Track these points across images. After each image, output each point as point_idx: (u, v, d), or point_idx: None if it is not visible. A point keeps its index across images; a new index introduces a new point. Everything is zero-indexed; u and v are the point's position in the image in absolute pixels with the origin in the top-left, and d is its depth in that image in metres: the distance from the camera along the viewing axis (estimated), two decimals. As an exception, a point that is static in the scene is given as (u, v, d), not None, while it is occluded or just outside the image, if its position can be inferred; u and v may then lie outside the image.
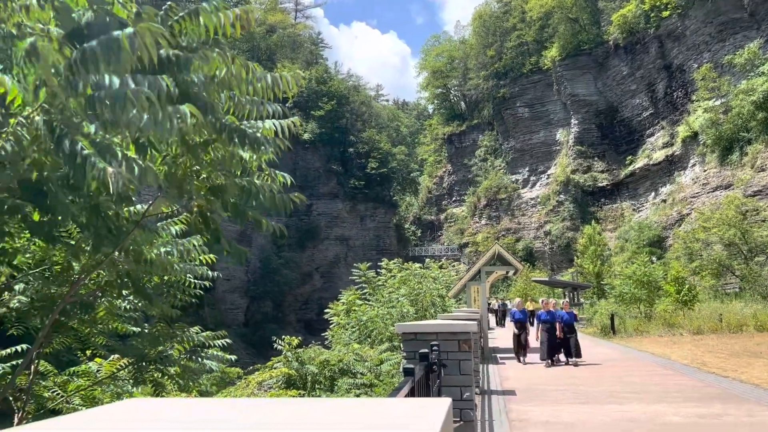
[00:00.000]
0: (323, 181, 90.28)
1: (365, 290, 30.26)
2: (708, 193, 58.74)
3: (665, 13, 68.02)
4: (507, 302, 49.46)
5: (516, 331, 20.39)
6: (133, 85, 4.50)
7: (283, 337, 19.63)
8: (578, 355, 18.84)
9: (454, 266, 51.22)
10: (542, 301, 21.32)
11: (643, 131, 73.22)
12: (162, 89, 4.55)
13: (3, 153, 4.57)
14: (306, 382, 18.57)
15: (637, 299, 33.95)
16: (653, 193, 69.70)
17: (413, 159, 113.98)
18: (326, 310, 30.54)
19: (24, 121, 4.71)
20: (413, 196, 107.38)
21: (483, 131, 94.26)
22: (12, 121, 4.73)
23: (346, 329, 26.63)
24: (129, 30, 4.07)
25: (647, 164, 70.06)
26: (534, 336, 20.43)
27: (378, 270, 31.18)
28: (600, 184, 75.39)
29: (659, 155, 68.59)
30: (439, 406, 1.69)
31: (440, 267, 33.85)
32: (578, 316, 22.57)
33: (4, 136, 4.62)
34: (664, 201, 66.54)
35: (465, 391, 7.37)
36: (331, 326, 28.68)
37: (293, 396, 16.06)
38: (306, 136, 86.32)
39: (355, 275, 31.45)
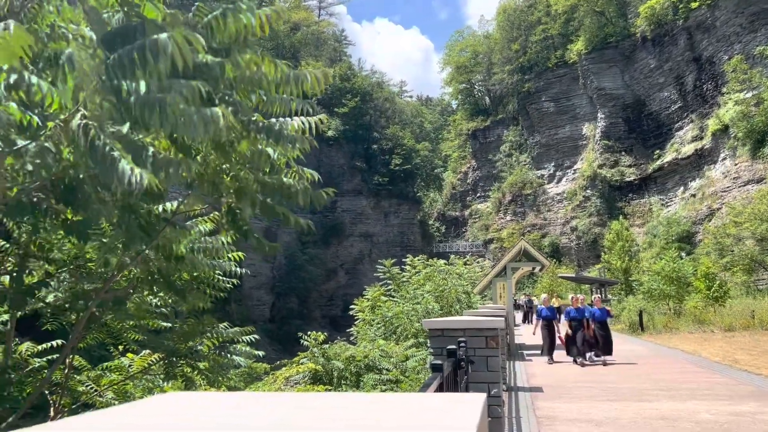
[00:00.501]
0: (347, 178, 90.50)
1: (390, 287, 30.31)
2: (739, 187, 57.53)
3: (694, 4, 66.64)
4: (533, 299, 48.43)
5: (544, 328, 19.61)
6: (166, 91, 4.58)
7: (309, 332, 19.80)
8: (608, 352, 18.09)
9: (478, 262, 50.98)
10: (571, 298, 20.06)
11: (672, 125, 71.92)
12: (195, 94, 4.63)
13: (42, 155, 4.68)
14: (332, 377, 18.71)
15: (666, 295, 33.44)
16: (682, 188, 68.47)
17: (437, 155, 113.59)
18: (351, 307, 30.69)
19: (61, 124, 4.82)
20: (437, 192, 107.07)
21: (508, 126, 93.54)
22: (49, 124, 4.84)
23: (371, 325, 26.72)
24: (164, 36, 4.13)
25: (676, 158, 68.82)
26: (563, 333, 19.48)
27: (402, 266, 31.19)
28: (627, 179, 74.28)
29: (688, 149, 67.33)
30: (475, 401, 1.70)
31: (465, 263, 33.75)
32: (611, 311, 20.80)
33: (42, 138, 4.73)
34: (694, 195, 65.32)
35: (492, 387, 7.34)
36: (356, 322, 28.82)
37: (320, 391, 16.20)
38: (330, 133, 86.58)
39: (379, 272, 31.53)
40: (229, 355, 8.28)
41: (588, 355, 18.11)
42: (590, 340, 18.04)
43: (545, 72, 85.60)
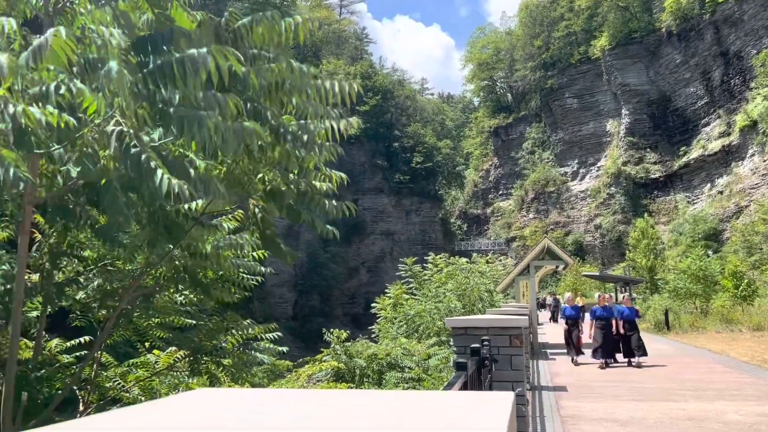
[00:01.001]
0: (368, 176, 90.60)
1: (411, 285, 30.31)
2: (768, 184, 56.42)
3: (721, -2, 65.50)
4: (559, 297, 47.79)
5: (567, 327, 18.86)
6: (201, 103, 4.67)
7: (332, 330, 19.89)
8: (643, 353, 16.93)
9: (500, 261, 50.66)
10: (598, 296, 19.09)
11: (698, 121, 70.71)
12: (230, 109, 4.71)
13: (83, 161, 4.79)
14: (354, 375, 18.77)
15: (693, 294, 32.95)
16: (709, 185, 67.31)
17: (459, 152, 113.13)
18: (373, 305, 30.75)
19: (96, 129, 4.92)
20: (459, 190, 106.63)
21: (530, 123, 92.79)
22: (86, 129, 4.94)
23: (393, 323, 26.74)
24: (203, 51, 4.20)
25: (702, 155, 67.66)
26: (587, 334, 18.43)
27: (424, 265, 31.17)
28: (652, 176, 73.21)
29: (715, 145, 66.15)
30: (503, 400, 1.71)
31: (487, 262, 33.61)
32: (639, 311, 19.58)
33: (80, 143, 4.83)
34: (721, 193, 64.18)
35: (517, 386, 7.32)
36: (377, 320, 28.87)
37: (343, 389, 16.28)
38: (351, 131, 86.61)
39: (401, 270, 31.55)
40: (252, 352, 8.38)
41: (614, 357, 17.35)
42: (617, 340, 17.29)
43: (568, 68, 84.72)
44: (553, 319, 44.09)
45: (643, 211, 68.44)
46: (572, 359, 18.26)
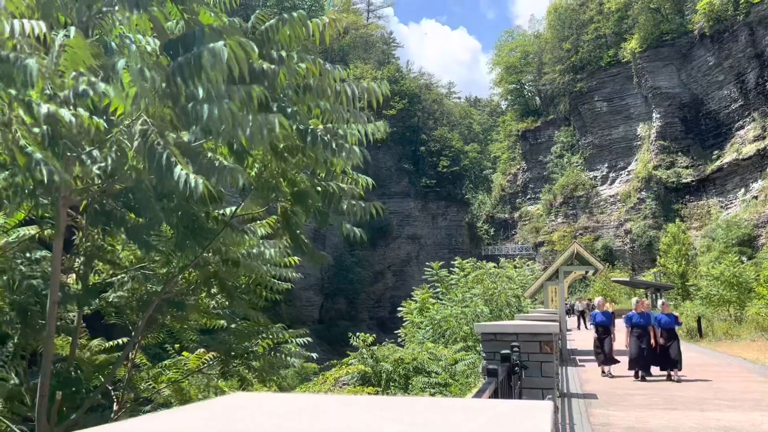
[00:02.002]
0: (395, 180, 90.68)
1: (438, 289, 30.21)
2: (805, 188, 54.95)
3: (756, -1, 64.11)
4: (590, 301, 46.45)
5: (597, 335, 17.03)
6: (223, 97, 4.70)
7: (358, 334, 19.92)
8: (677, 365, 15.22)
9: (528, 265, 50.22)
10: (636, 301, 16.73)
11: (732, 124, 69.20)
12: (252, 99, 4.72)
13: (108, 160, 4.87)
14: (381, 379, 18.77)
15: (726, 301, 32.22)
16: (743, 189, 65.79)
17: (486, 156, 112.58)
18: (399, 309, 30.71)
19: (124, 130, 5.00)
20: (486, 194, 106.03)
21: (559, 127, 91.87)
22: (114, 130, 5.03)
23: (420, 328, 26.67)
24: (220, 44, 4.24)
25: (736, 159, 66.18)
26: (623, 343, 16.53)
27: (450, 269, 31.03)
28: (684, 180, 71.83)
29: (750, 149, 64.65)
30: (543, 409, 1.67)
31: (515, 266, 33.31)
32: (679, 318, 17.42)
33: (108, 145, 4.92)
34: (756, 197, 62.68)
35: (546, 393, 7.23)
36: (403, 324, 28.82)
37: (370, 393, 16.27)
38: (378, 135, 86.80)
39: (427, 274, 31.46)
40: (284, 356, 8.41)
41: (654, 369, 15.59)
42: (655, 351, 15.44)
43: (598, 71, 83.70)
44: (580, 325, 42.90)
45: (674, 216, 67.21)
46: (603, 370, 16.63)
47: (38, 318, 6.37)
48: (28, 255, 6.84)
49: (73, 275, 7.06)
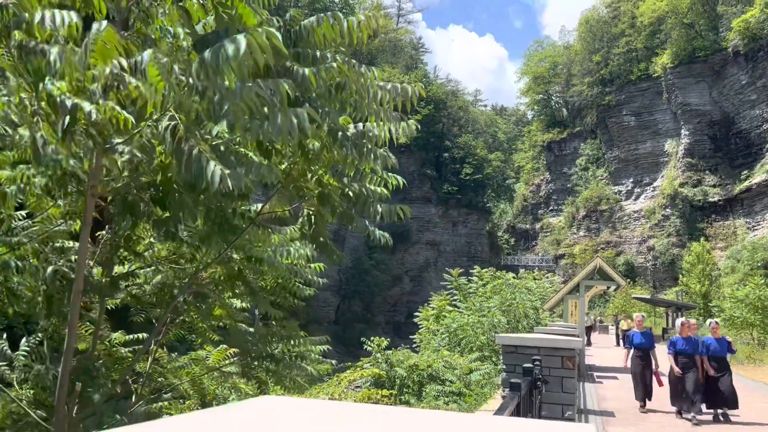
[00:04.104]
0: (417, 185, 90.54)
1: (455, 297, 30.06)
2: (837, 213, 53.71)
3: (794, 18, 62.94)
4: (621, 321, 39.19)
5: (639, 363, 13.35)
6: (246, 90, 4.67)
7: (373, 338, 19.87)
8: (734, 404, 12.11)
9: (548, 278, 49.79)
10: (681, 323, 13.16)
11: (763, 144, 67.93)
12: (280, 92, 4.68)
13: (136, 154, 4.89)
14: (394, 384, 18.67)
15: (750, 324, 31.57)
16: (772, 211, 64.55)
17: (509, 166, 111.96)
18: (415, 314, 30.61)
19: (152, 125, 5.02)
20: (508, 204, 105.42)
21: (585, 139, 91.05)
22: (143, 124, 5.04)
23: (436, 335, 26.54)
24: (241, 36, 4.20)
25: (766, 180, 64.95)
26: (668, 370, 12.85)
27: (469, 277, 30.86)
28: (711, 199, 70.66)
29: (780, 171, 63.47)
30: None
31: (534, 278, 33.02)
32: (732, 344, 13.83)
33: (137, 137, 4.93)
34: (785, 220, 61.47)
35: (567, 409, 7.10)
36: (419, 330, 28.71)
37: (384, 395, 16.20)
38: (402, 139, 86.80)
39: (445, 280, 31.32)
40: (304, 363, 8.39)
41: (700, 407, 12.08)
42: (703, 384, 12.26)
43: (627, 85, 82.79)
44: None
45: (699, 234, 66.15)
46: (641, 405, 13.36)
47: (62, 307, 6.42)
48: (54, 245, 6.91)
49: (98, 267, 7.12)
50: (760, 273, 50.36)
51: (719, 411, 12.29)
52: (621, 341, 35.45)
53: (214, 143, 5.06)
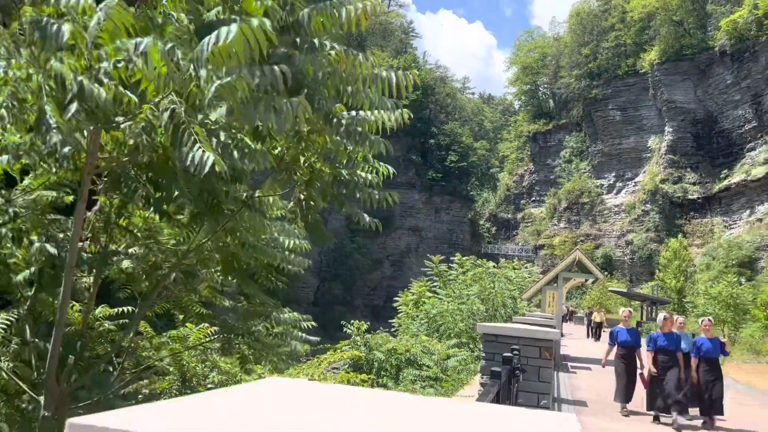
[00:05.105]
0: (401, 171, 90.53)
1: (435, 283, 30.37)
2: (811, 216, 54.88)
3: (781, 21, 63.61)
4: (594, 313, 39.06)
5: (622, 362, 12.15)
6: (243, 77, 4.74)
7: (352, 321, 20.06)
8: (719, 410, 11.11)
9: (527, 267, 50.34)
10: (663, 317, 11.83)
11: (744, 144, 68.96)
12: (277, 79, 4.76)
13: (138, 136, 4.96)
14: (372, 367, 18.92)
15: (722, 321, 32.36)
16: (748, 211, 65.72)
17: (494, 155, 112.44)
18: (395, 298, 30.89)
19: (153, 108, 5.08)
20: (491, 193, 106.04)
21: (570, 132, 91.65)
22: (145, 107, 5.10)
23: (414, 320, 26.84)
24: (233, 25, 4.26)
25: (745, 180, 66.04)
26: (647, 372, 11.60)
27: (450, 264, 31.17)
28: (690, 197, 71.76)
29: (759, 171, 64.50)
30: (569, 421, 1.75)
31: (514, 268, 33.41)
32: (727, 345, 12.83)
33: (138, 119, 5.00)
34: (760, 220, 62.65)
35: (542, 398, 7.35)
36: (398, 315, 29.00)
37: (363, 379, 16.42)
38: (392, 124, 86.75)
39: (426, 266, 31.61)
40: (288, 340, 8.53)
41: (679, 411, 10.70)
42: (689, 387, 11.13)
43: (614, 79, 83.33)
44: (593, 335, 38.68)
45: (677, 231, 67.24)
46: (623, 407, 12.05)
47: (53, 281, 6.48)
48: (45, 218, 6.95)
49: (89, 242, 7.18)
50: (733, 271, 51.49)
51: (707, 417, 11.20)
52: (592, 333, 35.71)
53: (212, 128, 5.14)
